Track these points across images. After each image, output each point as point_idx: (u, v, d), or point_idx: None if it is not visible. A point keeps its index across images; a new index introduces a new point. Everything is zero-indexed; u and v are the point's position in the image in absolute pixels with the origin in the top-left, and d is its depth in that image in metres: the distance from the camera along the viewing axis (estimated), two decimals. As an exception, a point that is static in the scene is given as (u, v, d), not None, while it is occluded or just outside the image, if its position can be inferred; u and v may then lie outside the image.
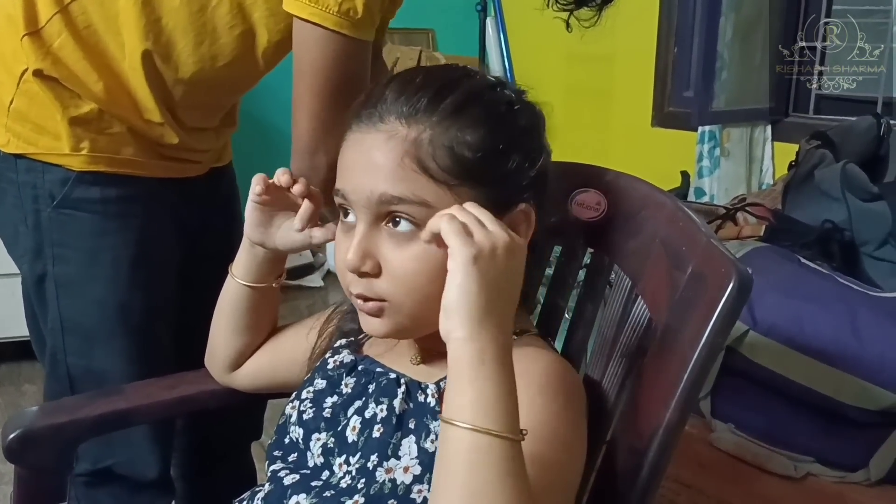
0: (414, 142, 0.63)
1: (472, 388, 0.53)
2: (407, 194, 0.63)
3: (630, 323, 0.71)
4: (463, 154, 0.63)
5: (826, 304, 1.20)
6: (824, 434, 1.15)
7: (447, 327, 0.55)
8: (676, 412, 0.59)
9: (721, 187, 2.77)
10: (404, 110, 0.64)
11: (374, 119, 0.65)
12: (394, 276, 0.64)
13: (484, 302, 0.54)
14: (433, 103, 0.64)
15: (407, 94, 0.65)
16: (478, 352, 0.53)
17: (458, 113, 0.64)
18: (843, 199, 1.44)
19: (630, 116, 3.25)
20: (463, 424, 0.52)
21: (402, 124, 0.64)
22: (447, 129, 0.64)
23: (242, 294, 0.84)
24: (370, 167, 0.64)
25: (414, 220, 0.63)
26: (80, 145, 0.93)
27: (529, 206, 0.66)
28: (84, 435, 0.87)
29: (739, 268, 0.60)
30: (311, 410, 0.74)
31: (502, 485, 0.51)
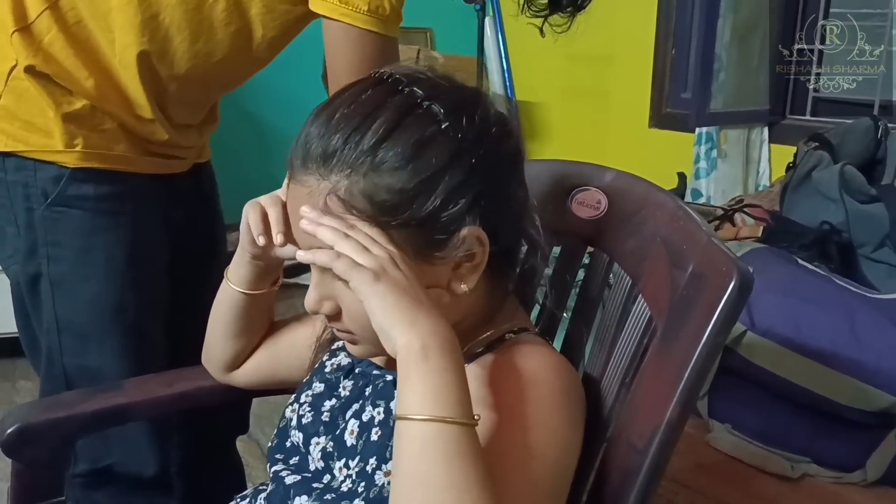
0: (332, 192, 0.61)
1: (419, 382, 0.55)
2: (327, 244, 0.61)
3: (630, 322, 0.71)
4: (382, 198, 0.61)
5: (824, 305, 1.21)
6: (821, 435, 1.15)
7: (391, 343, 0.57)
8: (677, 410, 0.59)
9: (718, 189, 2.78)
10: (319, 159, 0.62)
11: (297, 167, 0.64)
12: (349, 317, 0.66)
13: (406, 304, 0.57)
14: (347, 148, 0.61)
15: (324, 139, 0.62)
16: (420, 348, 0.55)
17: (373, 154, 0.61)
18: (841, 201, 1.45)
19: (627, 117, 3.25)
20: (413, 416, 0.54)
21: (319, 175, 0.62)
22: (364, 174, 0.61)
23: (239, 300, 0.83)
24: (297, 221, 0.63)
25: None
26: (74, 142, 0.93)
27: (475, 227, 0.63)
28: (82, 430, 0.87)
29: (740, 267, 0.60)
30: (309, 414, 0.74)
31: (448, 466, 0.53)
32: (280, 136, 3.25)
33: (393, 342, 0.57)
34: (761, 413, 1.20)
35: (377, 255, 0.58)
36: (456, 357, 0.57)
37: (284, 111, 3.29)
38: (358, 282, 0.57)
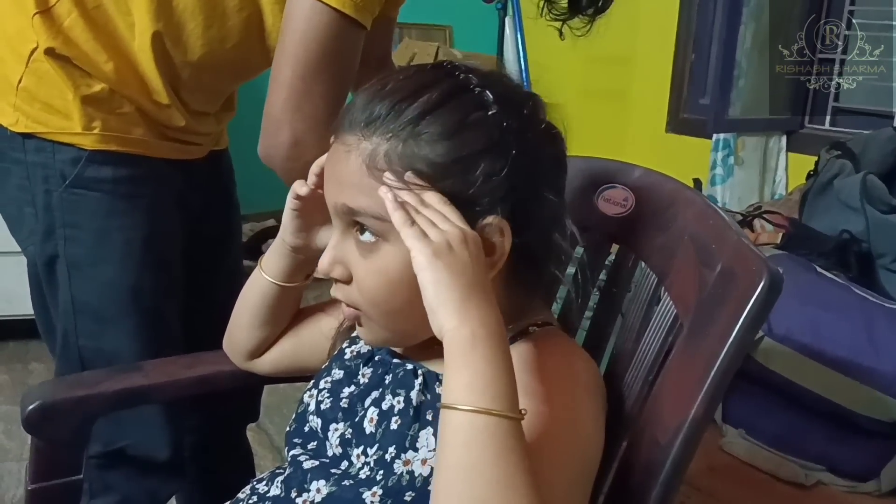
0: (371, 154, 0.63)
1: (466, 371, 0.54)
2: (364, 208, 0.63)
3: (655, 319, 0.71)
4: (417, 168, 0.62)
5: (843, 313, 1.21)
6: (836, 443, 1.15)
7: (437, 324, 0.56)
8: (702, 407, 0.59)
9: (733, 196, 2.77)
10: (362, 122, 0.63)
11: (340, 130, 0.65)
12: (360, 288, 0.66)
13: (460, 288, 0.56)
14: (391, 115, 0.63)
15: (370, 105, 0.64)
16: (469, 335, 0.55)
17: (415, 125, 0.62)
18: (862, 210, 1.44)
19: (644, 121, 3.24)
20: (459, 407, 0.53)
21: (361, 137, 0.63)
22: (403, 140, 0.62)
23: (270, 291, 0.83)
24: (334, 179, 0.66)
25: (375, 231, 0.64)
26: (93, 124, 0.93)
27: (500, 219, 0.63)
28: (102, 409, 0.87)
29: (771, 267, 0.60)
30: (328, 400, 0.74)
31: (497, 459, 0.52)
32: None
33: (440, 323, 0.56)
34: (776, 419, 1.20)
35: (445, 231, 0.58)
36: (503, 350, 0.56)
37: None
38: (418, 251, 0.56)
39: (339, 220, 0.66)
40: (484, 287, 0.58)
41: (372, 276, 0.65)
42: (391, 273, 0.64)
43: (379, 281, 0.64)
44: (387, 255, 0.64)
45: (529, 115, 0.67)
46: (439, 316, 0.55)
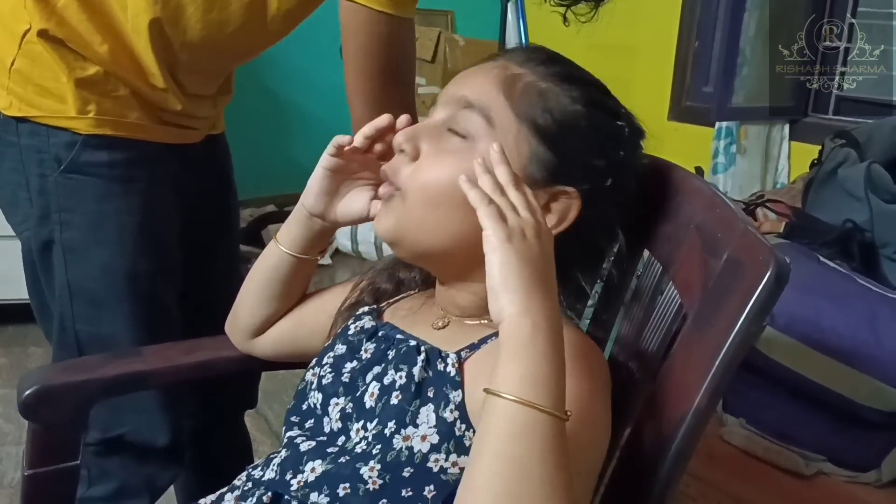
0: (512, 75, 0.69)
1: (523, 363, 0.54)
2: (479, 103, 0.68)
3: (660, 308, 0.71)
4: (548, 108, 0.68)
5: (845, 303, 1.20)
6: (837, 433, 1.15)
7: (498, 306, 0.55)
8: (706, 397, 0.59)
9: (735, 184, 2.76)
10: (517, 57, 0.71)
11: (493, 58, 0.72)
12: (419, 167, 0.68)
13: (528, 277, 0.55)
14: (546, 63, 0.70)
15: (529, 50, 0.73)
16: (531, 326, 0.54)
17: (565, 82, 0.69)
18: (866, 200, 1.43)
19: (647, 109, 3.17)
20: (509, 396, 0.53)
21: (509, 63, 0.70)
22: (546, 84, 0.69)
23: (285, 263, 0.83)
24: (465, 79, 0.72)
25: (467, 132, 0.68)
26: (87, 108, 0.92)
27: (577, 193, 0.68)
28: (100, 394, 0.87)
29: (778, 256, 0.59)
30: (330, 375, 0.74)
31: (543, 459, 0.51)
32: (296, 111, 3.25)
33: (501, 308, 0.55)
34: (777, 409, 1.20)
35: (523, 218, 0.58)
36: (560, 348, 0.55)
37: (301, 86, 3.29)
38: (493, 231, 0.56)
39: (443, 110, 0.71)
40: (550, 282, 0.58)
41: (437, 165, 0.68)
42: (454, 176, 0.64)
43: (443, 169, 0.67)
44: (465, 156, 0.66)
45: (640, 154, 0.74)
46: (502, 299, 0.55)
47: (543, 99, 0.68)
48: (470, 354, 0.67)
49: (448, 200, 0.66)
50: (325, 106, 3.30)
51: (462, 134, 0.68)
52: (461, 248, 0.68)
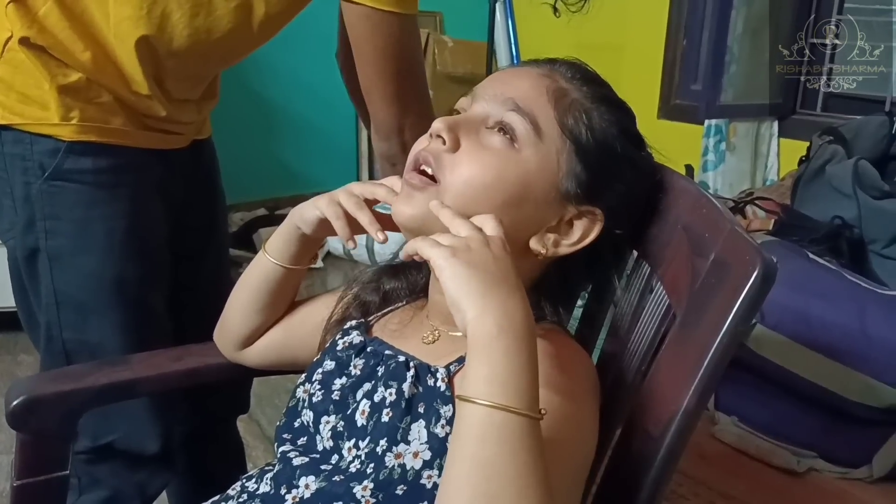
0: (559, 89, 0.70)
1: (488, 364, 0.53)
2: (528, 110, 0.68)
3: (648, 309, 0.71)
4: (589, 126, 0.69)
5: (835, 300, 1.20)
6: (828, 430, 1.15)
7: (461, 317, 0.55)
8: (695, 398, 0.59)
9: (725, 182, 2.77)
10: (566, 73, 0.72)
11: (534, 64, 0.73)
12: (459, 161, 0.67)
13: (481, 279, 0.55)
14: (592, 83, 0.72)
15: (574, 67, 0.73)
16: (491, 325, 0.53)
17: (605, 105, 0.71)
18: (855, 196, 1.43)
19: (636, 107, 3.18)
20: (477, 400, 0.52)
21: (557, 76, 0.71)
22: (590, 104, 0.70)
23: (274, 274, 0.82)
24: (511, 80, 0.71)
25: (514, 135, 0.67)
26: (70, 115, 0.92)
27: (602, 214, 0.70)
28: (89, 403, 0.86)
29: (764, 256, 0.59)
30: (319, 393, 0.73)
31: (513, 458, 0.51)
32: (284, 113, 3.24)
33: (463, 314, 0.54)
34: (768, 406, 1.20)
35: (464, 237, 0.58)
36: (528, 345, 0.55)
37: (289, 89, 3.28)
38: (435, 256, 0.56)
39: (483, 107, 0.70)
40: (511, 282, 0.57)
41: (489, 157, 0.67)
42: (505, 169, 0.66)
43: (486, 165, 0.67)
44: (515, 153, 0.67)
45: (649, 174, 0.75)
46: (461, 306, 0.54)
47: (588, 118, 0.69)
48: (459, 368, 0.66)
49: (485, 201, 0.66)
50: (312, 108, 3.30)
51: (508, 135, 0.68)
52: None
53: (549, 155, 0.68)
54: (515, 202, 0.67)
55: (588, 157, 0.68)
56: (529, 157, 0.67)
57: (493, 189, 0.66)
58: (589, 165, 0.69)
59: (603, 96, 0.71)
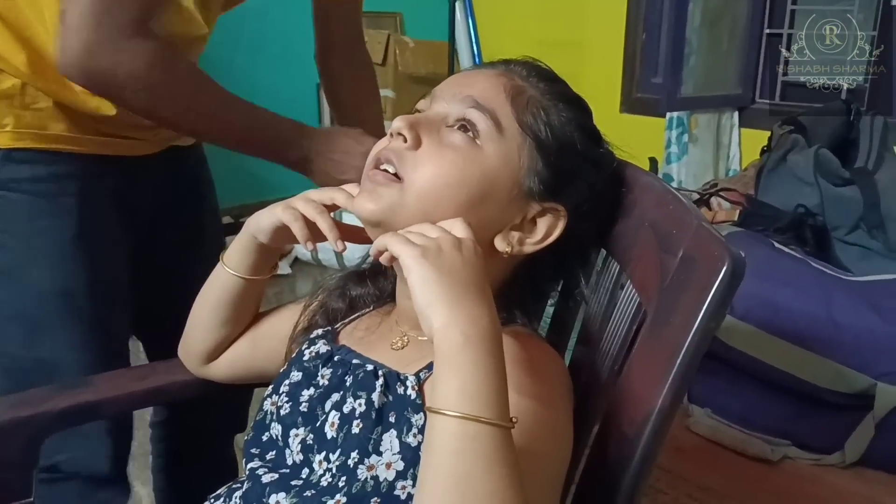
0: (517, 87, 0.69)
1: (458, 375, 0.52)
2: (488, 107, 0.67)
3: (619, 308, 0.70)
4: (547, 123, 0.68)
5: (801, 288, 1.21)
6: (800, 417, 1.16)
7: (427, 324, 0.54)
8: (669, 397, 0.58)
9: (689, 173, 2.79)
10: (521, 71, 0.72)
11: (488, 65, 0.73)
12: (421, 159, 0.66)
13: (449, 286, 0.54)
14: (548, 80, 0.72)
15: (530, 66, 0.73)
16: (459, 335, 0.52)
17: (563, 101, 0.71)
18: (816, 184, 1.45)
19: (598, 102, 3.21)
20: (448, 412, 0.51)
21: (513, 75, 0.71)
22: (548, 101, 0.70)
23: (234, 286, 0.80)
24: (469, 80, 0.71)
25: (475, 131, 0.67)
26: (3, 121, 0.89)
27: (565, 210, 0.69)
28: (50, 429, 0.84)
29: (732, 251, 0.58)
30: (287, 405, 0.71)
31: (489, 472, 0.50)
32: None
33: (430, 323, 0.53)
34: (740, 396, 1.21)
35: (434, 237, 0.58)
36: (496, 354, 0.54)
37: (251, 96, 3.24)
38: (406, 255, 0.55)
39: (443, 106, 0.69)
40: (479, 287, 0.56)
41: (448, 152, 0.66)
42: (468, 165, 0.66)
43: (449, 160, 0.66)
44: (477, 150, 0.66)
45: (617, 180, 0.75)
46: (428, 314, 0.53)
47: (547, 115, 0.69)
48: (429, 374, 0.65)
49: (449, 198, 0.65)
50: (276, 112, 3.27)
51: (470, 131, 0.67)
52: None
53: (511, 151, 0.67)
54: (479, 200, 0.66)
55: (548, 153, 0.68)
56: (491, 154, 0.66)
57: (456, 186, 0.65)
58: (549, 162, 0.68)
59: (560, 93, 0.71)
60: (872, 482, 1.10)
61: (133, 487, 1.06)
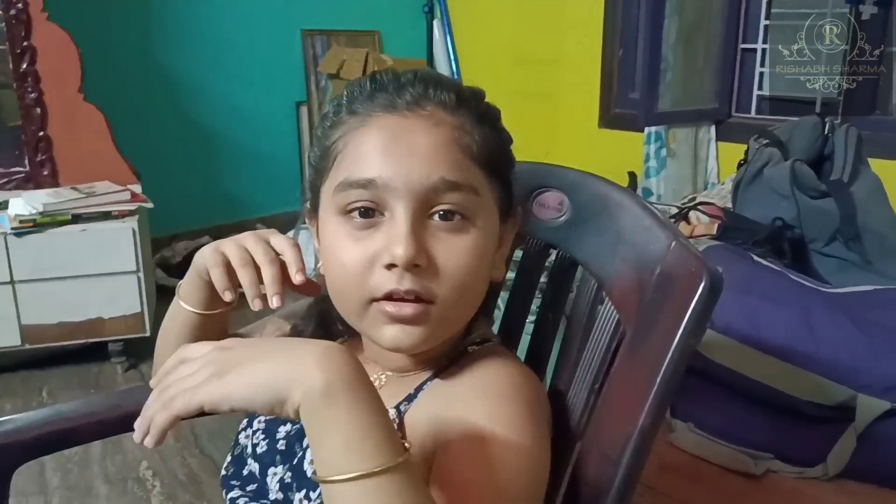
0: (460, 129, 0.62)
1: (335, 432, 0.47)
2: (462, 180, 0.60)
3: (597, 326, 0.69)
4: (494, 147, 0.65)
5: (780, 301, 1.22)
6: (782, 430, 1.16)
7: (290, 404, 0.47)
8: (650, 417, 0.57)
9: (668, 187, 2.81)
10: (448, 100, 0.63)
11: (409, 104, 0.62)
12: (446, 271, 0.60)
13: (261, 356, 0.49)
14: (469, 100, 0.64)
15: (445, 87, 0.63)
16: (323, 387, 0.47)
17: (485, 114, 0.65)
18: (793, 197, 1.46)
19: (577, 118, 3.27)
20: (341, 477, 0.46)
21: (446, 113, 0.62)
22: (481, 123, 0.64)
23: (192, 321, 0.74)
24: (420, 152, 0.60)
25: (463, 213, 0.61)
26: None
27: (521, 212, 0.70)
28: (21, 457, 0.81)
29: (710, 268, 0.58)
30: (264, 443, 0.69)
31: None
32: (224, 141, 3.18)
33: (284, 394, 0.47)
34: (723, 411, 1.21)
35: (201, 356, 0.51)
36: (367, 384, 0.49)
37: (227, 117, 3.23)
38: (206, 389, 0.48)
39: (413, 200, 0.59)
40: (281, 351, 0.50)
41: (464, 256, 0.61)
42: (481, 250, 0.62)
43: (471, 262, 0.61)
44: (476, 231, 0.62)
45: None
46: (279, 387, 0.47)
47: (489, 142, 0.64)
48: (408, 407, 0.64)
49: (476, 287, 0.63)
50: (252, 134, 3.26)
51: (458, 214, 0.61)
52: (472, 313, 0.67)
53: (489, 202, 0.64)
54: (489, 265, 0.65)
55: (501, 175, 0.66)
56: (483, 221, 0.62)
57: (477, 272, 0.62)
58: (503, 181, 0.67)
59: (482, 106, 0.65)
60: (855, 494, 1.10)
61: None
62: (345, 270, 0.61)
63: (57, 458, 1.84)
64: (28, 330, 2.18)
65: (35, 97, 2.35)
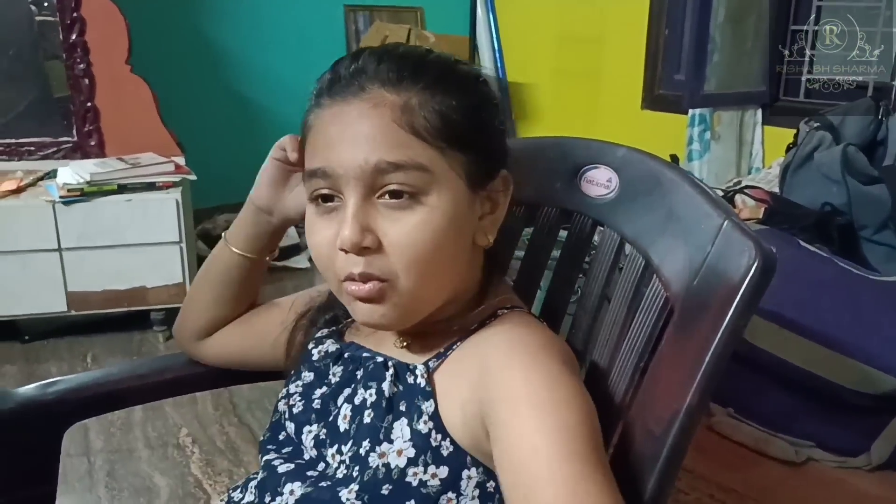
0: (402, 107, 0.61)
1: None
2: (404, 160, 0.60)
3: (644, 304, 0.69)
4: (452, 117, 0.62)
5: (827, 288, 1.20)
6: (825, 419, 1.14)
7: None
8: (697, 396, 0.57)
9: (711, 171, 2.77)
10: (389, 77, 0.62)
11: (353, 89, 0.63)
12: (395, 249, 0.61)
13: None
14: (418, 71, 0.63)
15: (388, 64, 0.63)
16: None
17: (441, 81, 0.64)
18: (844, 182, 1.43)
19: (619, 99, 3.23)
20: None
21: (387, 91, 0.62)
22: (433, 94, 0.62)
23: (235, 264, 0.80)
24: (359, 137, 0.61)
25: (412, 191, 0.61)
26: None
27: (506, 172, 0.68)
28: (73, 416, 0.84)
29: (764, 248, 0.57)
30: (300, 404, 0.72)
31: None
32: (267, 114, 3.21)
33: None
34: (764, 397, 1.19)
35: None
36: None
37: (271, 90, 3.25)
38: None
39: (360, 184, 0.61)
40: None
41: (413, 233, 0.61)
42: (433, 225, 0.61)
43: (421, 237, 0.61)
44: (426, 208, 0.61)
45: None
46: None
47: (443, 113, 0.62)
48: (438, 364, 0.65)
49: (438, 257, 0.62)
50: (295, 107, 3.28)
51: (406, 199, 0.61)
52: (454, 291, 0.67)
53: (447, 177, 0.62)
54: (456, 237, 0.64)
55: (467, 144, 0.63)
56: (437, 198, 0.62)
57: (436, 251, 0.62)
58: (474, 148, 0.64)
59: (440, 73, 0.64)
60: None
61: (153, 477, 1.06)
62: (318, 252, 0.65)
63: (101, 420, 1.89)
64: (74, 296, 2.23)
65: (83, 68, 2.39)
